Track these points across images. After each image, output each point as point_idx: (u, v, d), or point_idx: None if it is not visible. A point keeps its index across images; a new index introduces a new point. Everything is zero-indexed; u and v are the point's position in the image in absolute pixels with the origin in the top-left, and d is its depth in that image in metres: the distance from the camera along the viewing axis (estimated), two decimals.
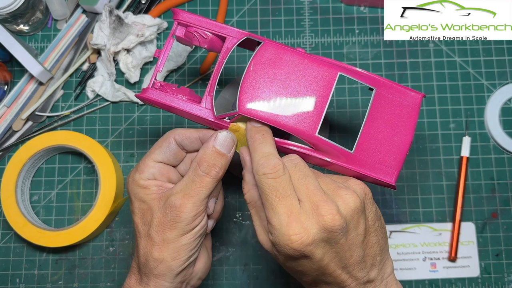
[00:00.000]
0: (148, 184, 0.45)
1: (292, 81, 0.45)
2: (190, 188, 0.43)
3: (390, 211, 0.61)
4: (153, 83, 0.49)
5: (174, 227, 0.43)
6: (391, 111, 0.47)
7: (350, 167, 0.45)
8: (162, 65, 0.49)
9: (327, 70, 0.45)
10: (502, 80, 0.64)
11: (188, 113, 0.48)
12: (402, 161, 0.46)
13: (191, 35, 0.49)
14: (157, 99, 0.48)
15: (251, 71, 0.45)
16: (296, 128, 0.44)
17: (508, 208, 0.61)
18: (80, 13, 0.66)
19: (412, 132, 0.47)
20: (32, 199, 0.62)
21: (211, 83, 0.48)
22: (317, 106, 0.45)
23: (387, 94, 0.47)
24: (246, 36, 0.48)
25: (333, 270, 0.40)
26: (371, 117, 0.46)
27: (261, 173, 0.40)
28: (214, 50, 0.50)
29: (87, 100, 0.64)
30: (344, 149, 0.45)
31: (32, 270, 0.61)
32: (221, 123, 0.47)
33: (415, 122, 0.47)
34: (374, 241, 0.42)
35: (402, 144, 0.46)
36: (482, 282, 0.60)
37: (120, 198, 0.61)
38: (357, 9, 0.67)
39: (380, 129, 0.46)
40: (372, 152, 0.46)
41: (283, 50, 0.46)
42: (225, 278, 0.60)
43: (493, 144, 0.63)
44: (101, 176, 0.59)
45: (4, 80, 0.64)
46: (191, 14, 0.49)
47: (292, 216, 0.39)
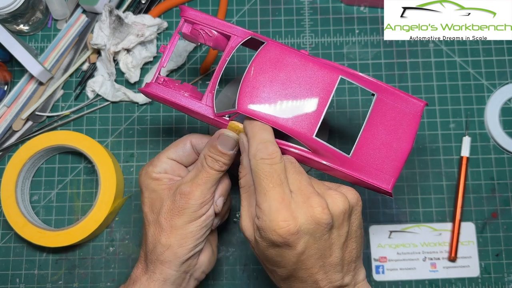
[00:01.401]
0: (160, 176, 0.48)
1: (292, 82, 0.45)
2: (198, 177, 0.46)
3: (390, 211, 0.61)
4: (157, 77, 0.49)
5: (182, 213, 0.46)
6: (391, 117, 0.46)
7: (346, 171, 0.45)
8: (167, 60, 0.50)
9: (328, 73, 0.45)
10: (502, 80, 0.64)
11: (188, 109, 0.48)
12: (400, 169, 0.46)
13: (197, 33, 0.50)
14: (159, 94, 0.48)
15: (253, 71, 0.45)
16: (293, 129, 0.44)
17: (508, 208, 0.61)
18: (80, 13, 0.66)
19: (412, 140, 0.46)
20: (32, 199, 0.62)
21: (213, 81, 0.48)
22: (316, 108, 0.45)
23: (389, 100, 0.47)
24: (251, 35, 0.48)
25: (311, 266, 0.41)
26: (371, 123, 0.46)
27: (258, 158, 0.41)
28: (219, 48, 0.51)
29: (87, 100, 0.64)
30: (341, 153, 0.45)
31: (32, 270, 0.61)
32: (221, 120, 0.47)
33: (416, 130, 0.46)
34: (353, 246, 0.43)
35: (401, 152, 0.46)
36: (482, 282, 0.60)
37: (120, 198, 0.61)
38: (357, 9, 0.67)
39: (379, 135, 0.46)
40: (369, 157, 0.46)
41: (286, 51, 0.46)
42: (225, 278, 0.60)
43: (493, 144, 0.63)
44: (101, 176, 0.59)
45: (4, 80, 0.64)
46: (198, 12, 0.49)
47: (283, 203, 0.40)
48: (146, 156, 0.63)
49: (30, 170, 0.61)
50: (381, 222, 0.61)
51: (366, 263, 0.60)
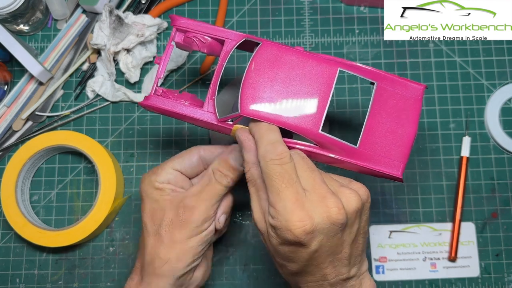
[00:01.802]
0: (164, 186, 0.48)
1: (292, 79, 0.45)
2: (204, 192, 0.46)
3: (390, 211, 0.61)
4: (155, 90, 0.49)
5: (184, 227, 0.45)
6: (393, 104, 0.47)
7: (355, 162, 0.45)
8: (163, 72, 0.50)
9: (327, 67, 0.45)
10: (502, 80, 0.64)
11: (191, 118, 0.48)
12: (408, 154, 0.46)
13: (190, 41, 0.49)
14: (160, 106, 0.48)
15: (252, 72, 0.45)
16: (299, 126, 0.44)
17: (508, 208, 0.61)
18: (80, 13, 0.66)
19: (416, 124, 0.47)
20: (32, 199, 0.62)
21: (212, 87, 0.48)
22: (318, 103, 0.45)
23: (388, 87, 0.47)
24: (244, 38, 0.48)
25: (321, 261, 0.41)
26: (374, 111, 0.46)
27: (268, 159, 0.40)
28: (214, 53, 0.51)
29: (87, 100, 0.64)
30: (348, 145, 0.45)
31: (32, 270, 0.61)
32: (224, 125, 0.47)
33: (419, 113, 0.47)
34: (360, 241, 0.43)
35: (406, 137, 0.46)
36: (482, 282, 0.60)
37: (120, 198, 0.61)
38: (357, 9, 0.67)
39: (384, 123, 0.46)
40: (376, 146, 0.46)
41: (282, 49, 0.46)
42: (225, 278, 0.60)
43: (493, 144, 0.63)
44: (101, 176, 0.59)
45: (4, 80, 0.64)
46: (189, 19, 0.49)
47: (297, 203, 0.39)
48: (146, 156, 0.63)
49: (30, 170, 0.61)
50: (381, 222, 0.61)
51: None
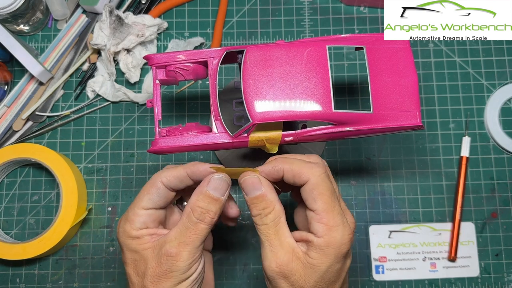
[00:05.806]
0: (141, 234, 0.43)
1: (288, 72, 0.46)
2: (185, 235, 0.41)
3: (390, 211, 0.61)
4: (159, 132, 0.49)
5: (170, 276, 0.41)
6: (387, 59, 0.48)
7: (374, 126, 0.46)
8: (160, 112, 0.49)
9: (315, 49, 0.46)
10: (502, 80, 0.64)
11: (205, 145, 0.47)
12: (418, 100, 0.47)
13: (173, 73, 0.49)
14: (170, 145, 0.48)
15: (248, 79, 0.46)
16: (312, 113, 0.45)
17: (508, 208, 0.61)
18: (80, 13, 0.66)
19: (414, 70, 0.48)
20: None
21: (213, 108, 0.48)
22: (322, 85, 0.45)
23: (377, 46, 0.48)
24: (226, 50, 0.49)
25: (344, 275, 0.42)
26: (373, 72, 0.47)
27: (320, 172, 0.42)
28: (201, 77, 0.50)
29: (87, 100, 0.64)
30: (364, 113, 0.46)
31: (32, 270, 0.61)
32: (240, 140, 0.47)
33: (413, 60, 0.48)
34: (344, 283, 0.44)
35: (411, 85, 0.47)
36: (482, 282, 0.60)
37: (83, 210, 0.60)
38: (357, 9, 0.67)
39: (386, 80, 0.47)
40: (388, 103, 0.47)
41: (267, 48, 0.47)
42: (225, 278, 0.60)
43: (493, 144, 0.63)
44: (62, 189, 0.58)
45: (4, 80, 0.64)
46: (163, 54, 0.49)
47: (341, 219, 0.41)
48: (146, 156, 0.63)
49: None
50: (381, 222, 0.61)
51: (366, 263, 0.60)
